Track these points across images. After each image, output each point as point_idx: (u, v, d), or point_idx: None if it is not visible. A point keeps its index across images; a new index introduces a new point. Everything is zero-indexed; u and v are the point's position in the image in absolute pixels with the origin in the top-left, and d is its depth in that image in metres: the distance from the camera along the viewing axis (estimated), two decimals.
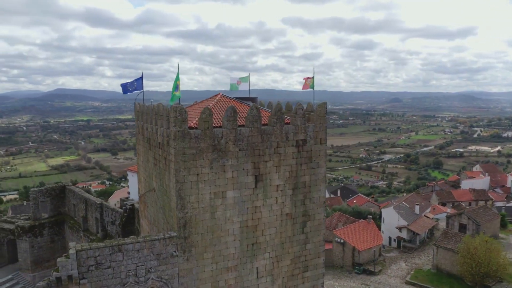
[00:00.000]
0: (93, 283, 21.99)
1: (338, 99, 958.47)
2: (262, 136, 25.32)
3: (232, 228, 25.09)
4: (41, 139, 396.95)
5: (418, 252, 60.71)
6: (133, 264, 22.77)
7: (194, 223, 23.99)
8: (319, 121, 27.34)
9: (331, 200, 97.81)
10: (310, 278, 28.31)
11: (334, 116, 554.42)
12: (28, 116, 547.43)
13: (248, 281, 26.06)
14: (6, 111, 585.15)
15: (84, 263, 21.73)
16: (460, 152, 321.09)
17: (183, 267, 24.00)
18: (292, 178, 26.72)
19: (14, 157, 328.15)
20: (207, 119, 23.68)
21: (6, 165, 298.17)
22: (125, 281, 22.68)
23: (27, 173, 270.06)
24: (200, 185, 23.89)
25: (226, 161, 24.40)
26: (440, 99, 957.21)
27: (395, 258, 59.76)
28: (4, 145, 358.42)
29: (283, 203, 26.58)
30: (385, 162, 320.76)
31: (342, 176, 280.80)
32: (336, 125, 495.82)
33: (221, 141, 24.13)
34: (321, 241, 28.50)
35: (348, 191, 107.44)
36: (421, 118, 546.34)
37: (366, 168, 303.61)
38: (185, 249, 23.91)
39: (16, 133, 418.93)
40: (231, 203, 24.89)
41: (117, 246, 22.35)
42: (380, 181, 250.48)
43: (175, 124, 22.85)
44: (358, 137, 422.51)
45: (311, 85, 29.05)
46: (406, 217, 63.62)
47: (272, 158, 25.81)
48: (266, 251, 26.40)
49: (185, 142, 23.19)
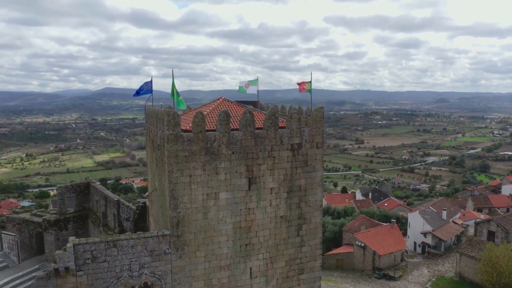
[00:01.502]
0: (89, 276, 23.50)
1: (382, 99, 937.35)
2: (256, 139, 25.91)
3: (225, 228, 25.87)
4: (88, 136, 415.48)
5: (443, 259, 58.94)
6: (127, 259, 24.10)
7: (187, 222, 24.98)
8: (316, 125, 27.55)
9: (361, 203, 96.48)
10: (306, 280, 28.59)
11: (377, 117, 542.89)
12: (77, 114, 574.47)
13: (241, 281, 26.76)
14: (57, 109, 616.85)
15: (81, 256, 23.27)
16: (509, 155, 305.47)
17: (176, 264, 25.06)
18: (287, 181, 27.12)
19: (63, 153, 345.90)
20: (199, 123, 24.59)
21: (55, 161, 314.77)
22: (119, 275, 24.04)
23: (74, 168, 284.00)
24: (193, 186, 24.84)
25: (219, 163, 25.21)
26: (490, 99, 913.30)
27: (418, 264, 58.34)
28: (54, 142, 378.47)
29: (277, 206, 27.04)
30: (429, 164, 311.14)
31: (382, 178, 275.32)
32: (379, 126, 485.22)
33: (213, 144, 24.97)
34: (317, 244, 28.71)
35: (380, 194, 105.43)
36: (469, 119, 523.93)
37: (408, 170, 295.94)
38: (178, 247, 24.96)
39: (66, 130, 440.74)
40: (224, 204, 25.67)
41: (112, 242, 23.74)
42: (423, 184, 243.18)
43: (168, 127, 23.94)
44: (402, 138, 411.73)
45: (309, 89, 29.27)
46: (431, 222, 61.88)
47: (266, 161, 26.34)
48: (260, 252, 26.98)
49: (178, 145, 24.22)
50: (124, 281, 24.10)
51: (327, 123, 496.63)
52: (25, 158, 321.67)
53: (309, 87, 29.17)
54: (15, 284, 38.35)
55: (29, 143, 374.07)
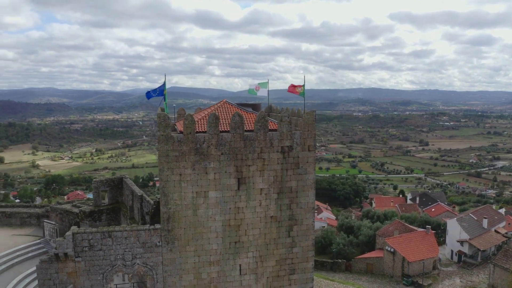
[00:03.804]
0: (86, 262, 25.88)
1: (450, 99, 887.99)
2: (245, 141, 26.90)
3: (214, 225, 27.16)
4: (154, 133, 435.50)
5: (478, 269, 55.89)
6: (121, 249, 26.19)
7: (177, 218, 26.61)
8: (307, 128, 27.93)
9: (406, 207, 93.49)
10: (297, 281, 29.07)
11: (444, 117, 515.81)
12: (144, 112, 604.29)
13: (231, 277, 27.90)
14: (126, 107, 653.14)
15: (80, 244, 25.69)
16: None
17: (167, 257, 26.78)
18: (277, 182, 27.80)
19: (129, 149, 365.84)
20: (189, 125, 26.08)
21: (122, 156, 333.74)
22: (114, 263, 26.20)
23: (139, 164, 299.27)
24: (183, 184, 26.40)
25: (208, 163, 26.54)
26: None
27: (451, 273, 55.86)
28: (122, 138, 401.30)
29: (267, 206, 27.83)
30: (498, 169, 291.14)
31: (446, 182, 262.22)
32: (446, 127, 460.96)
33: (203, 145, 26.35)
34: (309, 246, 29.06)
35: (428, 199, 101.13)
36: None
37: (475, 174, 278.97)
38: (169, 240, 26.66)
39: (133, 127, 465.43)
40: (214, 203, 26.96)
41: (107, 232, 25.96)
42: (489, 189, 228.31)
43: (159, 129, 25.70)
44: (470, 141, 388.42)
45: (301, 93, 29.65)
46: (469, 231, 58.83)
47: (255, 162, 27.24)
48: (249, 250, 27.93)
49: (168, 145, 25.91)
50: (118, 269, 26.23)
51: (390, 124, 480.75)
52: (95, 153, 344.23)
53: (302, 91, 29.58)
54: None
55: (99, 139, 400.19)
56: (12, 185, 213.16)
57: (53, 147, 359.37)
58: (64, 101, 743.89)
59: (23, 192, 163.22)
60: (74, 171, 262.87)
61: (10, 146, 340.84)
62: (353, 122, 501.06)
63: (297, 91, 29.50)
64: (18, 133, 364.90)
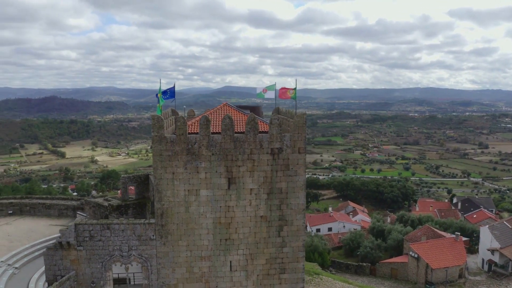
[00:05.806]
0: (87, 251, 28.22)
1: None
2: (235, 143, 28.01)
3: (205, 222, 28.52)
4: None
5: (508, 280, 52.98)
6: (118, 241, 28.28)
7: (170, 214, 28.26)
8: (298, 130, 28.49)
9: (445, 212, 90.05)
10: (288, 280, 29.73)
11: (506, 119, 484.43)
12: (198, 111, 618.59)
13: (221, 272, 29.14)
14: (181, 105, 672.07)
15: (81, 234, 28.07)
16: None
17: (161, 250, 28.52)
18: (267, 183, 28.64)
19: None
20: (181, 127, 27.62)
21: None
22: (112, 253, 28.34)
23: None
24: (176, 182, 28.00)
25: (199, 163, 27.95)
26: None
27: (478, 283, 53.48)
28: None
29: (257, 206, 28.75)
30: None
31: (505, 187, 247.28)
32: (508, 129, 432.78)
33: (194, 146, 27.79)
34: (300, 247, 29.60)
35: (470, 205, 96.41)
36: None
37: None
38: (162, 235, 28.38)
39: None
40: (205, 201, 28.32)
41: (106, 225, 28.14)
42: None
43: (153, 129, 27.45)
44: None
45: (293, 96, 30.14)
46: (501, 239, 55.93)
47: (245, 163, 28.26)
48: (239, 247, 29.01)
49: (161, 145, 27.61)
50: (116, 259, 28.34)
51: (448, 125, 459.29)
52: (150, 150, 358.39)
53: (293, 94, 30.11)
54: None
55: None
56: (71, 179, 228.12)
57: (111, 143, 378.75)
58: (123, 99, 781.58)
59: (80, 186, 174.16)
60: (129, 167, 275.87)
61: (71, 142, 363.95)
62: (408, 123, 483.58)
63: (289, 94, 30.09)
64: (79, 129, 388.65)
